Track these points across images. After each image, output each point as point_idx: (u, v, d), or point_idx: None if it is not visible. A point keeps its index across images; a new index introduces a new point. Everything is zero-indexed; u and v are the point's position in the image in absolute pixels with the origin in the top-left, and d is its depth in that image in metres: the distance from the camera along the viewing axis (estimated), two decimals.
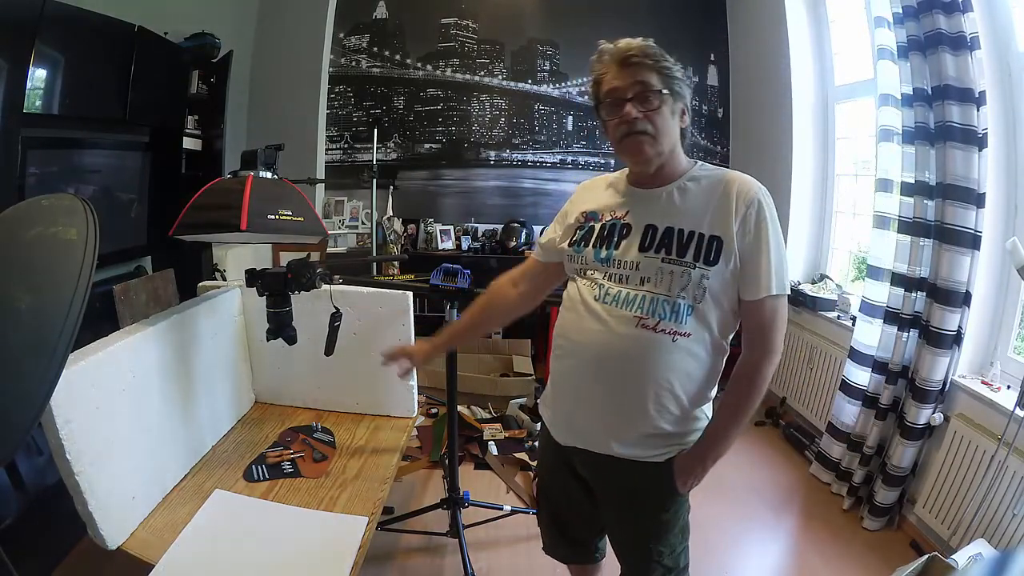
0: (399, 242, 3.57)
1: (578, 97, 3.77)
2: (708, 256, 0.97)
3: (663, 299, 0.98)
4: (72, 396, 0.96)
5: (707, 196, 1.00)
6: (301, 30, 3.53)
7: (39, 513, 1.57)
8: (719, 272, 0.97)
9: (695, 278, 0.97)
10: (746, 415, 1.04)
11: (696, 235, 0.98)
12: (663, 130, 0.99)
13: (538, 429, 2.66)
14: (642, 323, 0.99)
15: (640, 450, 1.05)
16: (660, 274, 0.98)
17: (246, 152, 1.24)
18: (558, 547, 1.34)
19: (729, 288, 0.99)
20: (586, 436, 1.09)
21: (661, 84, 0.98)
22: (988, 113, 1.80)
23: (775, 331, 1.01)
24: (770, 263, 0.97)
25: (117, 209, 2.53)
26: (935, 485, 1.93)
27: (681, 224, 0.99)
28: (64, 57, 2.03)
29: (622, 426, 1.05)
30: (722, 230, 0.97)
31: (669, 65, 1.00)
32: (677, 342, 0.98)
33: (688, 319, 0.98)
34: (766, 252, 0.97)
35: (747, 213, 0.97)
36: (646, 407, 1.01)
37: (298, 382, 1.67)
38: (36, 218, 0.75)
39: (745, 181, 1.00)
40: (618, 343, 1.00)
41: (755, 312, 1.00)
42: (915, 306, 2.02)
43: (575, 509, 1.24)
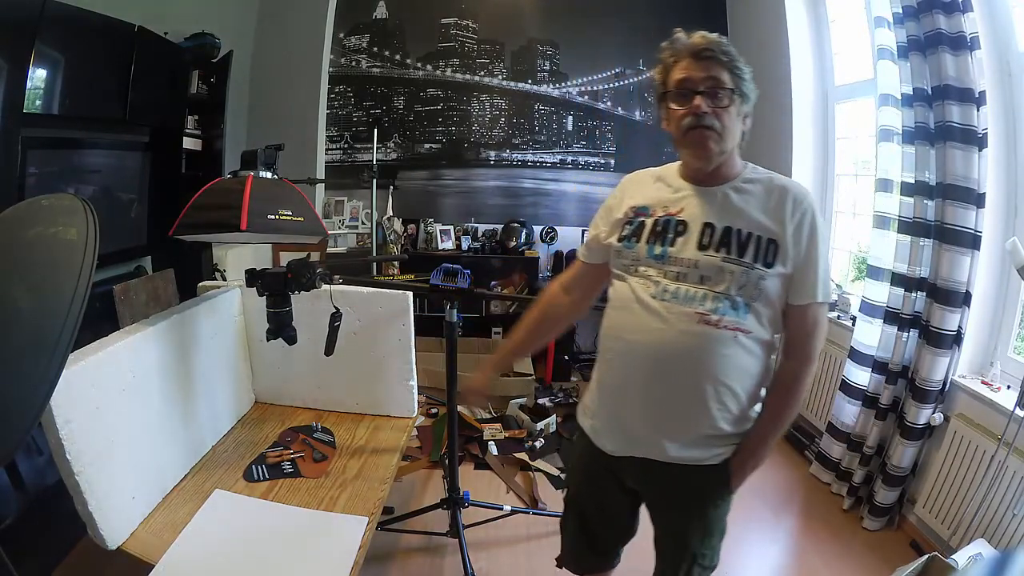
0: (399, 242, 3.57)
1: (578, 97, 3.77)
2: (766, 258, 0.99)
3: (724, 296, 0.98)
4: (72, 396, 0.96)
5: (763, 199, 1.02)
6: (301, 30, 3.53)
7: (39, 513, 1.57)
8: (775, 274, 0.99)
9: (753, 278, 0.98)
10: (787, 421, 1.07)
11: (754, 236, 0.99)
12: (729, 129, 0.99)
13: (537, 428, 2.66)
14: (704, 319, 0.98)
15: (698, 452, 1.04)
16: (721, 273, 0.98)
17: (246, 152, 1.24)
18: (582, 558, 1.31)
19: (781, 290, 1.01)
20: (640, 442, 1.06)
21: (732, 84, 0.99)
22: (988, 113, 1.80)
23: (816, 338, 1.04)
24: (819, 270, 1.00)
25: (117, 209, 2.52)
26: (935, 485, 1.93)
27: (739, 224, 1.00)
28: (64, 57, 2.03)
29: (680, 427, 1.03)
30: (778, 234, 0.99)
31: (741, 67, 1.01)
32: (738, 338, 0.99)
33: (747, 316, 0.99)
34: (816, 260, 1.00)
35: (802, 220, 0.99)
36: (708, 405, 1.01)
37: (298, 382, 1.67)
38: (36, 218, 0.75)
39: (800, 188, 1.03)
40: (680, 340, 0.99)
41: (799, 317, 1.03)
42: (915, 306, 2.02)
43: (608, 521, 1.23)
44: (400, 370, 1.62)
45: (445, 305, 1.51)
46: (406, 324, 1.58)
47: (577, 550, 1.31)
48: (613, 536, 1.26)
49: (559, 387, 3.28)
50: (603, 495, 1.19)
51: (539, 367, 3.41)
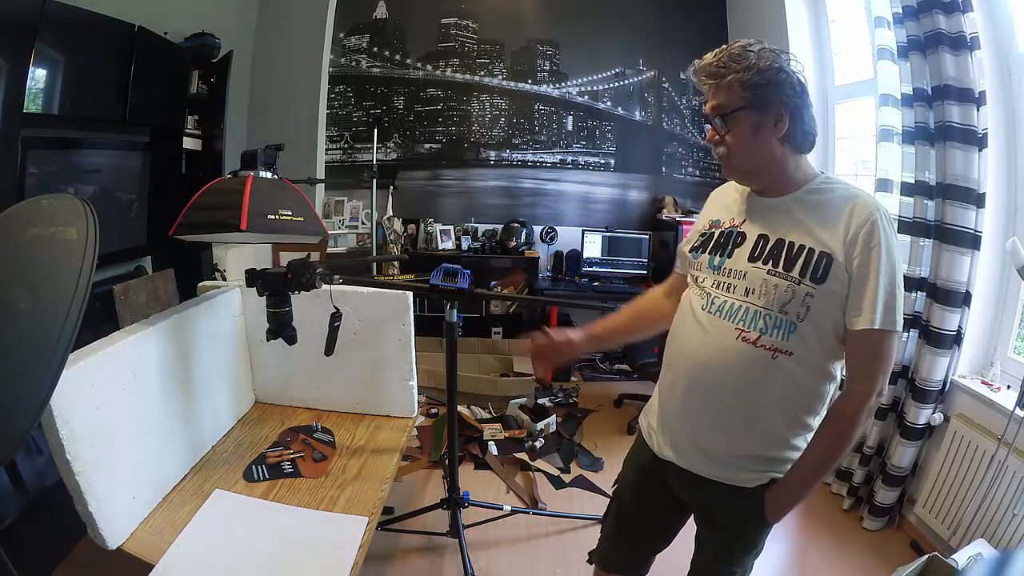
0: (399, 242, 3.57)
1: (578, 97, 3.77)
2: (816, 273, 0.91)
3: (765, 313, 0.94)
4: (72, 396, 0.96)
5: (823, 210, 0.94)
6: (301, 30, 3.53)
7: (39, 513, 1.57)
8: (826, 291, 0.91)
9: (799, 294, 0.91)
10: (833, 459, 0.98)
11: (806, 250, 0.93)
12: (736, 149, 0.97)
13: (537, 428, 2.66)
14: (743, 336, 0.95)
15: (730, 472, 1.02)
16: (765, 286, 0.94)
17: (246, 152, 1.24)
18: (610, 553, 1.31)
19: (835, 311, 0.92)
20: (682, 452, 1.07)
21: (739, 98, 0.93)
22: (988, 113, 1.80)
23: (874, 370, 0.93)
24: (877, 292, 0.89)
25: (117, 209, 2.52)
26: (935, 485, 1.93)
27: (792, 236, 0.95)
28: (64, 57, 2.03)
29: (713, 443, 1.02)
30: (834, 247, 0.91)
31: (750, 70, 0.92)
32: (778, 359, 0.93)
33: (791, 337, 0.93)
34: (874, 279, 0.89)
35: (859, 233, 0.90)
36: (739, 425, 0.99)
37: (298, 382, 1.67)
38: (36, 218, 0.75)
39: (864, 199, 0.93)
40: (717, 355, 0.98)
41: (854, 343, 0.93)
42: (915, 306, 2.02)
43: (646, 521, 1.22)
44: (400, 370, 1.62)
45: (445, 305, 1.51)
46: (406, 324, 1.58)
47: (608, 544, 1.31)
48: (646, 538, 1.25)
49: (559, 387, 3.28)
50: (646, 495, 1.20)
51: None
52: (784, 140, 0.95)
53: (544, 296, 3.39)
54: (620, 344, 1.15)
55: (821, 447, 0.97)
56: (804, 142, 0.97)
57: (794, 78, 0.94)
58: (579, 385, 3.36)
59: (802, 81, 0.95)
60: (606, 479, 2.35)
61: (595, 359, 3.75)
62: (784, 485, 1.00)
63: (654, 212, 3.80)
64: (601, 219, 3.85)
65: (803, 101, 0.95)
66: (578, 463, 2.51)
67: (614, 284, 3.46)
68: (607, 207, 3.89)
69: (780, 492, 1.00)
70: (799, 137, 0.96)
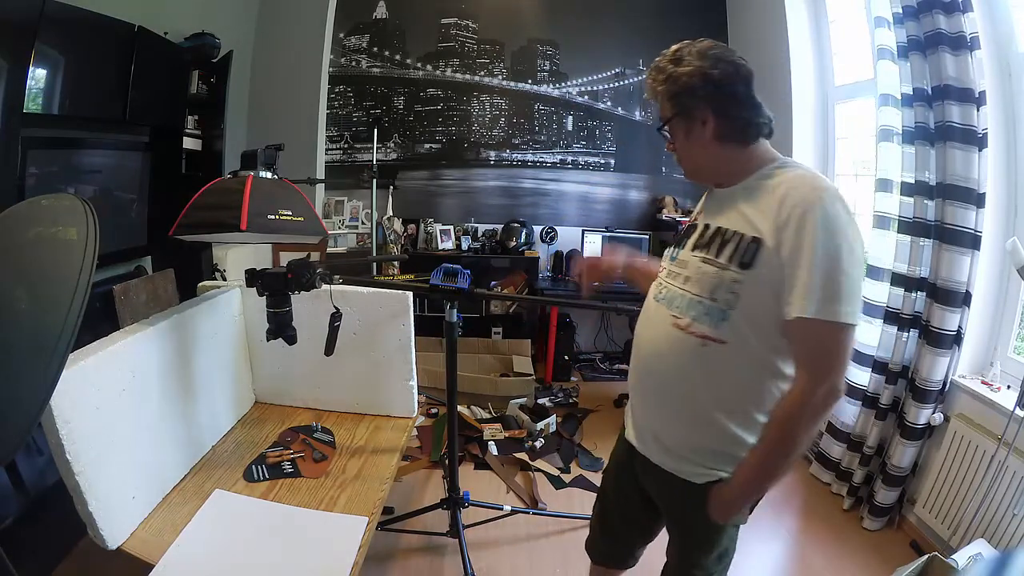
0: (399, 242, 3.57)
1: (578, 97, 3.77)
2: (743, 258, 0.89)
3: (698, 300, 0.94)
4: (72, 396, 0.96)
5: (762, 195, 0.91)
6: (301, 30, 3.53)
7: (39, 513, 1.57)
8: (754, 278, 0.88)
9: (725, 280, 0.90)
10: (772, 457, 0.92)
11: (738, 236, 0.91)
12: (683, 154, 1.02)
13: (537, 428, 2.66)
14: (676, 322, 0.96)
15: (683, 465, 1.01)
16: (698, 273, 0.95)
17: (246, 152, 1.24)
18: (596, 543, 1.33)
19: (768, 299, 0.88)
20: (642, 440, 1.09)
21: (668, 109, 0.98)
22: (988, 113, 1.80)
23: (810, 365, 0.87)
24: (810, 279, 0.83)
25: (117, 209, 2.52)
26: (935, 485, 1.93)
27: (728, 223, 0.94)
28: (64, 57, 2.02)
29: (665, 433, 1.03)
30: (764, 231, 0.88)
31: (667, 82, 0.96)
32: (708, 347, 0.92)
33: (722, 325, 0.91)
34: (807, 265, 0.83)
35: (791, 216, 0.85)
36: (683, 415, 0.99)
37: (298, 382, 1.67)
38: (36, 218, 0.75)
39: (802, 180, 0.89)
40: (657, 343, 1.00)
41: (790, 335, 0.88)
42: (915, 306, 2.02)
43: (623, 510, 1.23)
44: (400, 370, 1.62)
45: (445, 305, 1.51)
46: (406, 324, 1.58)
47: (594, 534, 1.34)
48: (626, 529, 1.26)
49: (559, 387, 3.28)
50: (624, 485, 1.21)
51: (539, 367, 3.41)
52: (719, 138, 0.96)
53: (544, 296, 3.39)
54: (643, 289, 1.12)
55: (760, 447, 0.93)
56: (744, 133, 0.96)
57: (716, 77, 0.92)
58: (579, 385, 3.37)
59: (731, 75, 0.93)
60: None
61: (595, 359, 3.75)
62: (728, 484, 0.97)
63: (654, 212, 3.80)
64: (601, 219, 3.85)
65: (730, 98, 0.94)
66: (578, 463, 2.51)
67: (614, 284, 3.45)
68: (607, 207, 3.88)
69: (724, 490, 0.98)
70: (736, 131, 0.95)
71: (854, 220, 0.86)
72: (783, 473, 0.95)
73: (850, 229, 0.85)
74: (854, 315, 0.84)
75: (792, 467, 0.96)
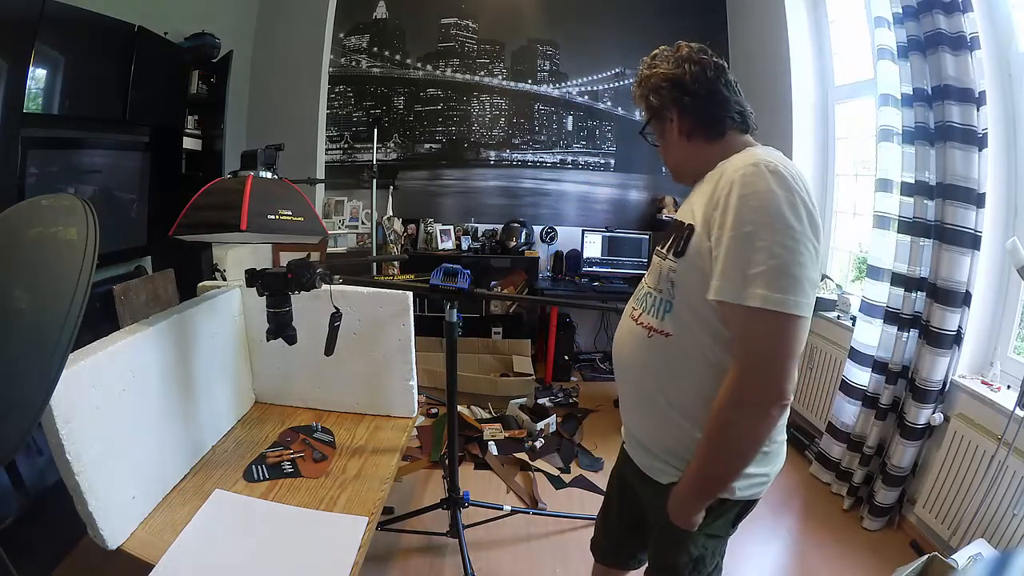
0: (399, 242, 3.57)
1: (578, 97, 3.77)
2: (678, 246, 0.89)
3: (648, 292, 0.97)
4: (72, 396, 0.96)
5: (706, 183, 0.90)
6: (301, 30, 3.53)
7: (39, 513, 1.57)
8: (686, 265, 0.87)
9: (664, 270, 0.91)
10: (709, 458, 0.87)
11: (680, 225, 0.92)
12: (663, 154, 1.05)
13: (537, 428, 2.66)
14: (632, 315, 1.00)
15: (651, 462, 1.01)
16: (652, 267, 0.98)
17: (246, 152, 1.24)
18: (600, 543, 1.34)
19: (703, 289, 0.84)
20: (625, 436, 1.11)
21: (645, 112, 1.02)
22: (988, 113, 1.80)
23: (742, 354, 0.81)
24: (726, 258, 0.79)
25: (117, 209, 2.52)
26: (935, 485, 1.93)
27: (680, 215, 0.95)
28: (64, 57, 2.02)
29: (632, 427, 1.05)
30: (698, 218, 0.87)
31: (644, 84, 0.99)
32: (653, 338, 0.93)
33: (667, 316, 0.91)
34: (727, 242, 0.79)
35: (720, 196, 0.82)
36: (641, 409, 1.01)
37: (298, 382, 1.67)
38: (36, 218, 0.75)
39: (740, 160, 0.84)
40: (620, 337, 1.04)
41: (726, 322, 0.83)
42: (915, 306, 2.02)
43: (623, 512, 1.23)
44: (400, 370, 1.62)
45: (445, 305, 1.51)
46: (406, 324, 1.58)
47: (598, 534, 1.34)
48: (627, 533, 1.25)
49: (559, 387, 3.28)
50: (623, 487, 1.21)
51: (539, 367, 3.41)
52: (687, 135, 0.97)
53: (544, 296, 3.39)
54: None
55: (700, 445, 0.89)
56: (711, 128, 0.95)
57: (680, 75, 0.94)
58: (579, 385, 3.37)
59: (695, 73, 0.93)
60: (606, 479, 2.34)
61: (595, 359, 3.75)
62: (679, 484, 0.94)
63: (654, 212, 3.80)
64: (601, 219, 3.85)
65: (693, 94, 0.94)
66: (578, 463, 2.51)
67: (614, 284, 3.46)
68: (607, 207, 3.89)
69: (676, 491, 0.94)
70: (702, 127, 0.96)
71: (796, 195, 0.78)
72: (726, 476, 0.89)
73: (781, 204, 0.76)
74: (785, 302, 0.75)
75: (738, 472, 0.89)
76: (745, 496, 0.95)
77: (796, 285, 0.76)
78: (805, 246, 0.77)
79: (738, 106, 0.96)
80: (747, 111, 0.97)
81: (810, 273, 0.78)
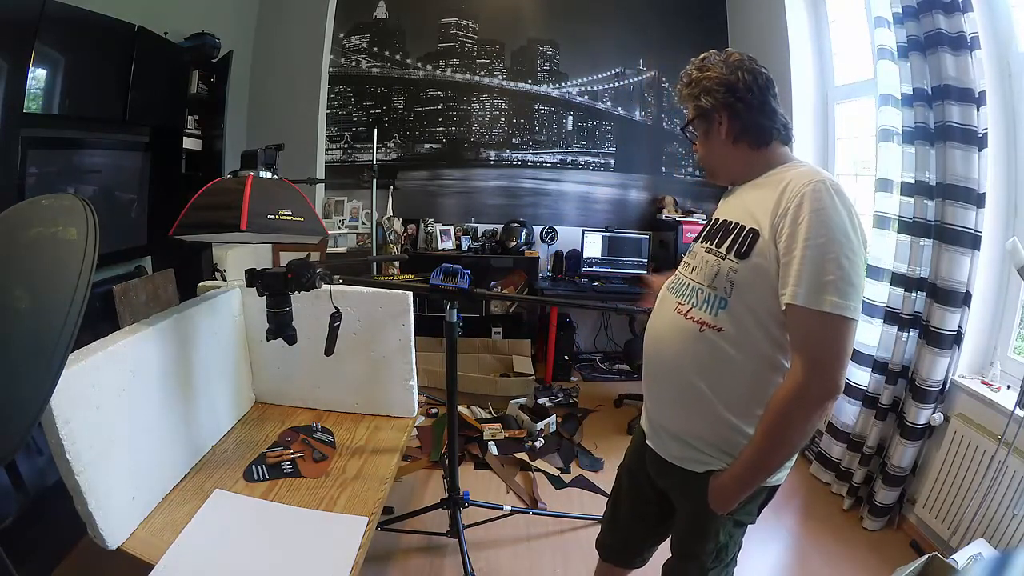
0: (399, 242, 3.57)
1: (578, 97, 3.77)
2: (740, 248, 0.93)
3: (699, 288, 0.98)
4: (72, 396, 0.96)
5: (765, 190, 0.95)
6: (301, 30, 3.53)
7: (39, 513, 1.57)
8: (749, 268, 0.91)
9: (724, 269, 0.94)
10: (765, 448, 0.92)
11: (738, 227, 0.96)
12: (701, 153, 1.08)
13: (537, 428, 2.66)
14: (677, 308, 1.01)
15: (684, 452, 1.03)
16: (702, 263, 0.99)
17: (246, 152, 1.24)
18: (605, 538, 1.34)
19: (764, 289, 0.90)
20: (652, 428, 1.11)
21: (691, 111, 1.05)
22: (988, 113, 1.80)
23: (803, 354, 0.87)
24: (802, 266, 0.84)
25: (117, 209, 2.52)
26: (935, 485, 1.93)
27: (733, 216, 0.99)
28: (64, 57, 2.02)
29: (668, 420, 1.06)
30: (762, 223, 0.91)
31: (689, 85, 1.02)
32: (704, 333, 0.95)
33: (720, 313, 0.94)
34: (800, 252, 0.85)
35: (789, 207, 0.87)
36: (680, 402, 1.02)
37: (298, 382, 1.67)
38: (36, 218, 0.75)
39: (803, 175, 0.91)
40: (661, 329, 1.05)
41: (788, 325, 0.89)
42: (915, 306, 2.02)
43: (633, 504, 1.24)
44: (400, 370, 1.62)
45: (445, 305, 1.51)
46: (406, 324, 1.58)
47: (604, 529, 1.34)
48: (634, 524, 1.26)
49: (559, 387, 3.28)
50: (635, 477, 1.22)
51: (539, 367, 3.41)
52: (733, 139, 1.01)
53: (544, 296, 3.39)
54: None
55: (756, 437, 0.94)
56: (757, 136, 1.00)
57: (734, 81, 0.98)
58: (579, 385, 3.37)
59: (748, 82, 0.98)
60: (606, 479, 2.35)
61: (595, 359, 3.75)
62: (726, 473, 0.98)
63: (654, 212, 3.80)
64: (601, 219, 3.85)
65: (745, 101, 0.98)
66: (578, 463, 2.51)
67: (614, 284, 3.46)
68: (607, 207, 3.89)
69: (721, 480, 0.99)
70: (749, 133, 1.00)
71: (853, 213, 0.87)
72: (775, 466, 0.96)
73: (844, 221, 0.85)
74: (848, 308, 0.84)
75: (786, 462, 0.98)
76: (773, 482, 1.02)
77: (856, 293, 0.85)
78: (861, 258, 0.87)
79: (783, 118, 1.02)
80: (789, 124, 1.03)
81: (863, 282, 0.89)
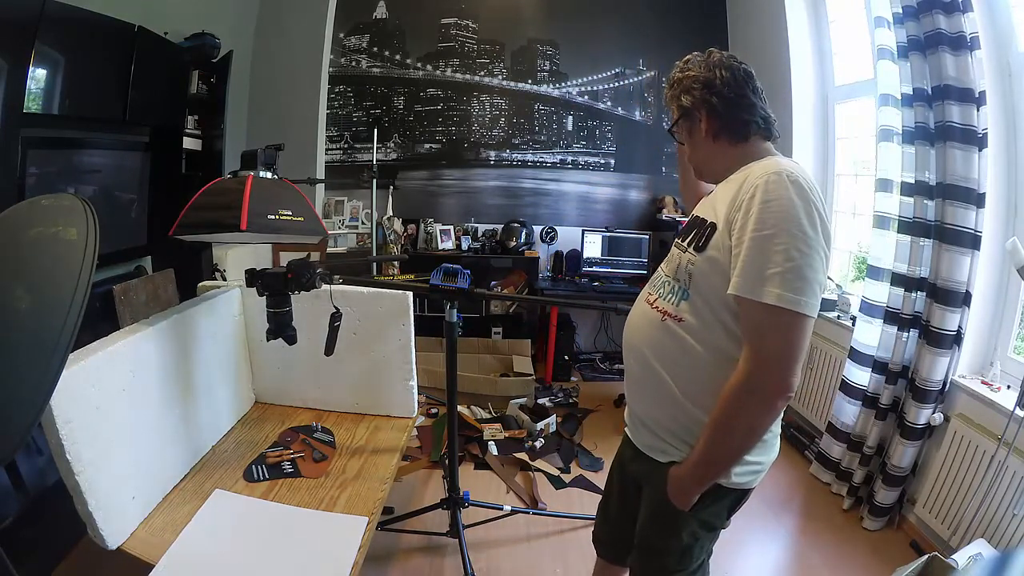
0: (399, 242, 3.57)
1: (578, 97, 3.77)
2: (699, 241, 0.96)
3: (666, 280, 1.03)
4: (72, 396, 0.96)
5: (729, 185, 0.95)
6: (301, 30, 3.53)
7: (39, 513, 1.57)
8: (705, 260, 0.93)
9: (684, 262, 0.98)
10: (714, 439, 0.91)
11: (701, 221, 0.99)
12: (691, 155, 1.09)
13: (537, 428, 2.66)
14: (647, 298, 1.06)
15: (652, 441, 1.05)
16: (672, 257, 1.03)
17: (246, 152, 1.24)
18: (598, 534, 1.35)
19: (718, 283, 0.90)
20: (628, 419, 1.14)
21: (675, 112, 1.07)
22: (988, 113, 1.80)
23: (751, 344, 0.86)
24: (747, 257, 0.84)
25: (117, 209, 2.52)
26: (935, 485, 1.93)
27: (701, 212, 1.02)
28: (64, 57, 2.02)
29: (637, 407, 1.09)
30: (720, 216, 0.92)
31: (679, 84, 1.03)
32: (666, 322, 0.98)
33: (683, 303, 0.96)
34: (748, 242, 0.84)
35: (743, 199, 0.87)
36: (644, 387, 1.04)
37: (298, 382, 1.67)
38: (36, 218, 0.75)
39: (765, 166, 0.90)
40: (634, 318, 1.09)
41: (741, 316, 0.89)
42: (915, 306, 2.02)
43: (620, 498, 1.24)
44: (400, 370, 1.62)
45: (445, 305, 1.51)
46: (406, 324, 1.58)
47: (597, 522, 1.36)
48: (623, 518, 1.24)
49: (559, 387, 3.28)
50: (622, 471, 1.22)
51: (539, 367, 3.41)
52: (713, 135, 1.02)
53: (544, 296, 3.39)
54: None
55: (705, 428, 0.93)
56: (736, 131, 1.00)
57: (711, 78, 0.99)
58: (579, 385, 3.37)
59: (726, 78, 0.98)
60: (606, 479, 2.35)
61: (595, 359, 3.75)
62: (682, 464, 0.98)
63: (654, 212, 3.80)
64: (601, 219, 3.85)
65: (722, 96, 0.99)
66: (578, 463, 2.51)
67: (614, 284, 3.46)
68: (607, 207, 3.89)
69: (678, 471, 0.98)
70: (727, 128, 1.01)
71: (813, 206, 0.84)
72: (726, 461, 0.93)
73: (799, 213, 0.83)
74: (799, 303, 0.81)
75: (737, 457, 0.93)
76: (741, 483, 1.00)
77: (808, 287, 0.82)
78: (817, 252, 0.84)
79: (763, 112, 1.02)
80: (771, 118, 1.03)
81: (820, 277, 0.85)
